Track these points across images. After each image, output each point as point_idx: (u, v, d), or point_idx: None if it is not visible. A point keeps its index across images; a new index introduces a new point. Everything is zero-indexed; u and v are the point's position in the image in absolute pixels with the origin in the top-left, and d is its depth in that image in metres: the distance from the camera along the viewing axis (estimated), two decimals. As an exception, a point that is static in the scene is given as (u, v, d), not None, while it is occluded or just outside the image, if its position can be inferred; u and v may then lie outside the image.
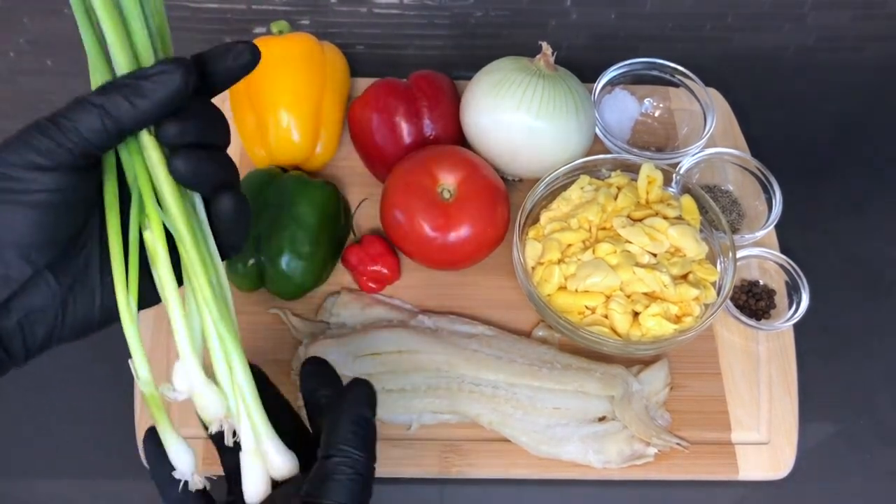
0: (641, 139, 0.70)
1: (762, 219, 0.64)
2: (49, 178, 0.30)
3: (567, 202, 0.60)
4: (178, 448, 0.35)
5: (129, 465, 0.55)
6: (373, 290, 0.61)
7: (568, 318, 0.55)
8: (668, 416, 0.56)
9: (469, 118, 0.61)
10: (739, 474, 0.55)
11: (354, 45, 0.76)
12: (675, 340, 0.54)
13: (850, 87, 0.79)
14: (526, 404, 0.55)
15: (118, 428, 0.56)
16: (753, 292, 0.62)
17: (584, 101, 0.61)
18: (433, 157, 0.59)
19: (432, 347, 0.56)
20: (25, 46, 0.76)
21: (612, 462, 0.54)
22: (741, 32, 0.77)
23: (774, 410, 0.57)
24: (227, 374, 0.34)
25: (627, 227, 0.56)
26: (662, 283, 0.55)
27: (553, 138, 0.60)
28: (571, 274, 0.56)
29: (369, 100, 0.63)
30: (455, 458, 0.55)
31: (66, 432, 0.58)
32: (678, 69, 0.68)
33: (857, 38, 0.78)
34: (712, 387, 0.58)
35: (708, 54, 0.78)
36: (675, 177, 0.61)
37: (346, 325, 0.60)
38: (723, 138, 0.70)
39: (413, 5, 0.74)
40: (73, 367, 0.60)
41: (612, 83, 0.69)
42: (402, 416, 0.55)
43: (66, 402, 0.59)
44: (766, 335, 0.60)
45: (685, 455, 0.55)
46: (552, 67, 0.61)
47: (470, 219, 0.57)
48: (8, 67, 0.76)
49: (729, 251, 0.57)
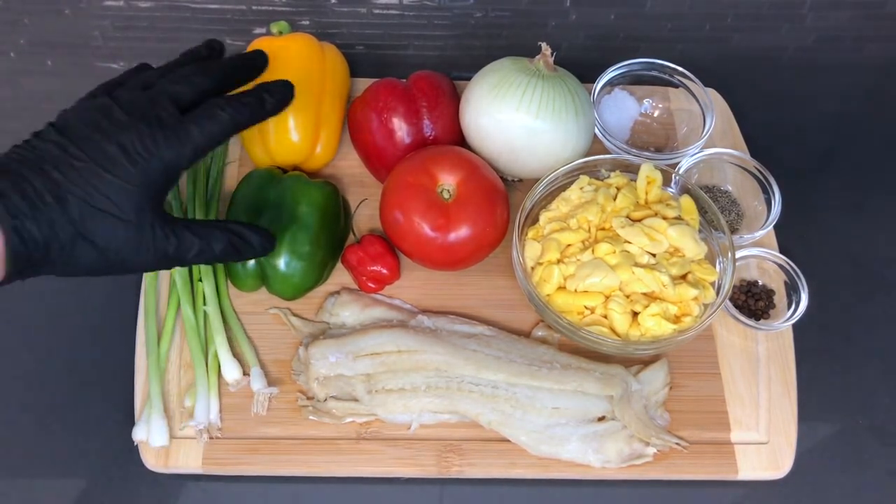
0: (641, 139, 0.70)
1: (761, 219, 0.64)
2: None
3: (566, 202, 0.60)
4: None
5: (129, 465, 0.55)
6: (372, 290, 0.61)
7: (567, 318, 0.55)
8: (668, 416, 0.56)
9: (469, 118, 0.62)
10: (738, 474, 0.55)
11: (354, 45, 0.76)
12: (674, 340, 0.54)
13: (849, 87, 0.79)
14: (525, 404, 0.55)
15: (118, 427, 0.56)
16: (752, 292, 0.62)
17: (583, 102, 0.61)
18: (433, 157, 0.59)
19: (432, 347, 0.56)
20: (25, 46, 0.76)
21: (612, 462, 0.54)
22: (740, 32, 0.77)
23: (773, 410, 0.57)
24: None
25: (627, 227, 0.56)
26: (661, 284, 0.55)
27: (552, 139, 0.60)
28: (571, 274, 0.56)
29: (369, 100, 0.63)
30: (454, 457, 0.55)
31: (66, 432, 0.58)
32: (677, 69, 0.68)
33: (857, 38, 0.78)
34: (711, 387, 0.58)
35: (707, 54, 0.78)
36: (674, 177, 0.61)
37: (345, 325, 0.60)
38: (722, 138, 0.70)
39: (413, 5, 0.74)
40: (73, 367, 0.60)
41: (611, 83, 0.69)
42: (401, 416, 0.55)
43: (65, 402, 0.59)
44: (766, 335, 0.60)
45: (684, 455, 0.55)
46: (552, 68, 0.61)
47: (469, 219, 0.57)
48: (8, 67, 0.76)
49: (728, 251, 0.57)
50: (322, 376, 0.56)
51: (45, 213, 0.39)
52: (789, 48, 0.78)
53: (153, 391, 0.55)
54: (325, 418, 0.55)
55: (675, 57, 0.69)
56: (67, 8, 0.73)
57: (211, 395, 0.56)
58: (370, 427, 0.56)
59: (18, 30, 0.75)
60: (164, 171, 0.42)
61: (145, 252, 0.43)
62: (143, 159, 0.41)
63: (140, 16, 0.74)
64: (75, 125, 0.42)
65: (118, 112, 0.42)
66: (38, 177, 0.39)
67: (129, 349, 0.59)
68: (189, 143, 0.43)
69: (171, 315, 0.59)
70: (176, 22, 0.75)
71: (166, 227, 0.43)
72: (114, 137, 0.41)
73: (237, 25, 0.75)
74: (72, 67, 0.76)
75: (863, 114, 0.77)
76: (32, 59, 0.76)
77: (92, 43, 0.75)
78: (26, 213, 0.38)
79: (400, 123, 0.62)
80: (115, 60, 0.76)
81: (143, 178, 0.41)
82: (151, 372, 0.56)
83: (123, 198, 0.41)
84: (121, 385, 0.58)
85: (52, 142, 0.41)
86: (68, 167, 0.40)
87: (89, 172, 0.40)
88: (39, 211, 0.38)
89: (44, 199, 0.39)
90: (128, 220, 0.41)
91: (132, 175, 0.41)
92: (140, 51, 0.76)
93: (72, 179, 0.40)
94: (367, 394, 0.55)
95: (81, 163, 0.40)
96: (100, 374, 0.59)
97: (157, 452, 0.54)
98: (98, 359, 0.60)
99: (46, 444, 0.57)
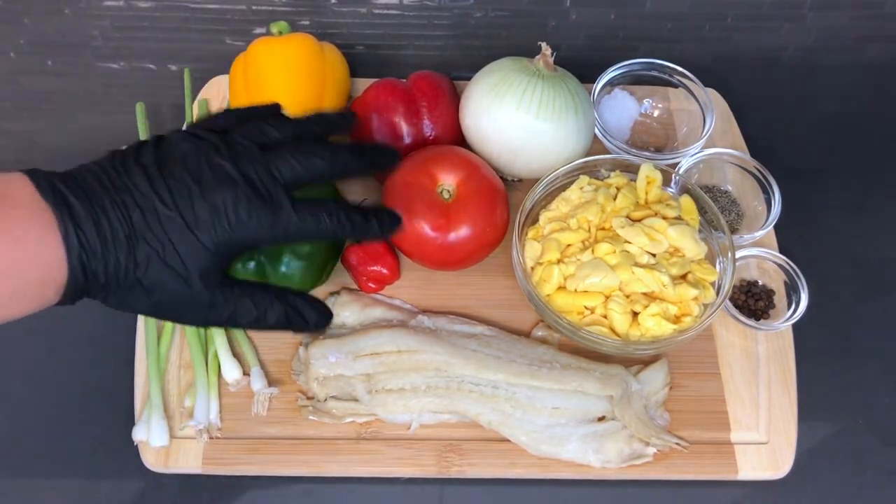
0: (641, 139, 0.70)
1: (761, 219, 0.64)
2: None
3: (566, 202, 0.60)
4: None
5: (129, 465, 0.55)
6: (372, 290, 0.61)
7: (567, 318, 0.55)
8: (668, 416, 0.56)
9: (469, 119, 0.62)
10: (738, 474, 0.55)
11: (354, 45, 0.76)
12: (674, 340, 0.54)
13: (849, 87, 0.79)
14: (525, 404, 0.55)
15: (118, 428, 0.56)
16: (752, 292, 0.62)
17: (583, 102, 0.61)
18: (433, 157, 0.59)
19: (432, 347, 0.56)
20: (25, 46, 0.76)
21: (612, 462, 0.54)
22: (741, 32, 0.77)
23: (773, 410, 0.57)
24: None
25: (626, 227, 0.56)
26: (661, 284, 0.55)
27: (552, 139, 0.60)
28: (571, 274, 0.56)
29: (369, 100, 0.63)
30: (454, 457, 0.55)
31: (66, 432, 0.58)
32: (677, 69, 0.68)
33: (857, 38, 0.78)
34: (711, 387, 0.58)
35: (707, 54, 0.78)
36: (674, 177, 0.61)
37: (345, 325, 0.60)
38: (722, 138, 0.70)
39: (413, 6, 0.74)
40: (73, 367, 0.60)
41: (611, 83, 0.69)
42: (401, 416, 0.55)
43: (65, 402, 0.59)
44: (766, 335, 0.60)
45: (684, 455, 0.55)
46: (552, 68, 0.61)
47: (469, 219, 0.57)
48: (8, 67, 0.76)
49: (728, 251, 0.57)
50: (322, 376, 0.56)
51: (114, 256, 0.36)
52: (789, 48, 0.78)
53: (153, 391, 0.55)
54: (325, 418, 0.55)
55: (675, 57, 0.69)
56: (67, 8, 0.73)
57: (211, 395, 0.56)
58: (370, 427, 0.56)
59: (18, 30, 0.75)
60: (245, 243, 0.39)
61: (200, 313, 0.40)
62: (230, 228, 0.38)
63: (140, 16, 0.74)
64: (178, 165, 0.38)
65: (229, 165, 0.38)
66: (117, 212, 0.36)
67: (129, 349, 0.59)
68: (282, 229, 0.39)
69: (171, 315, 0.59)
70: (176, 22, 0.75)
71: (227, 294, 0.40)
72: (210, 195, 0.37)
73: (237, 25, 0.75)
74: (72, 67, 0.76)
75: (863, 114, 0.77)
76: (32, 59, 0.76)
77: (92, 43, 0.75)
78: (96, 252, 0.35)
79: (400, 123, 0.62)
80: (115, 60, 0.76)
81: (222, 246, 0.38)
82: (151, 372, 0.56)
83: (195, 260, 0.38)
84: (121, 385, 0.58)
85: (144, 173, 0.37)
86: (152, 214, 0.37)
87: (171, 225, 0.37)
88: (109, 252, 0.36)
89: (117, 240, 0.36)
90: (192, 283, 0.38)
91: (212, 241, 0.38)
92: (140, 51, 0.76)
93: (151, 226, 0.36)
94: (367, 394, 0.55)
95: (168, 211, 0.37)
96: (100, 374, 0.59)
97: (157, 452, 0.54)
98: (98, 359, 0.60)
99: (46, 444, 0.57)
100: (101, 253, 0.36)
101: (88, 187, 0.36)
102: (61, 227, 0.35)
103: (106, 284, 0.37)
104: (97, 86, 0.75)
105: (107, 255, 0.36)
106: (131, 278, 0.37)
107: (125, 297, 0.38)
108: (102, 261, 0.36)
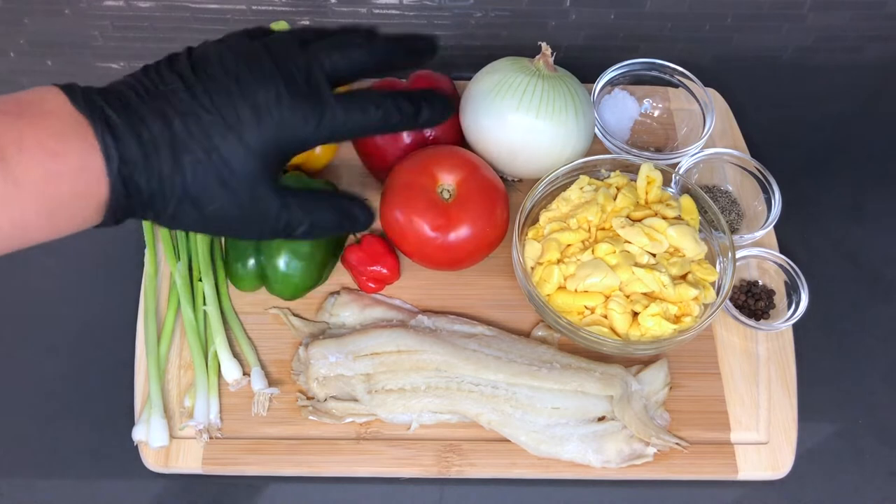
0: (641, 139, 0.70)
1: (761, 219, 0.64)
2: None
3: (566, 202, 0.60)
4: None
5: (129, 465, 0.55)
6: (372, 290, 0.61)
7: (567, 318, 0.55)
8: (668, 416, 0.56)
9: (469, 118, 0.62)
10: (738, 474, 0.55)
11: (354, 45, 0.76)
12: (674, 340, 0.54)
13: (849, 87, 0.79)
14: (525, 404, 0.55)
15: (118, 427, 0.56)
16: (753, 292, 0.62)
17: (583, 102, 0.61)
18: (433, 157, 0.59)
19: (432, 347, 0.56)
20: (25, 46, 0.76)
21: (612, 462, 0.54)
22: (740, 32, 0.77)
23: (773, 410, 0.57)
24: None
25: (627, 227, 0.56)
26: (661, 283, 0.55)
27: (552, 138, 0.60)
28: (571, 274, 0.56)
29: (369, 100, 0.63)
30: (455, 457, 0.55)
31: (66, 432, 0.58)
32: (677, 69, 0.69)
33: (857, 39, 0.78)
34: (711, 387, 0.58)
35: (707, 54, 0.78)
36: (674, 177, 0.61)
37: (345, 325, 0.60)
38: (722, 138, 0.70)
39: (413, 6, 0.74)
40: (73, 367, 0.60)
41: (611, 83, 0.69)
42: (401, 416, 0.55)
43: (65, 402, 0.59)
44: (766, 335, 0.60)
45: (684, 455, 0.55)
46: (552, 68, 0.61)
47: (469, 219, 0.57)
48: (8, 67, 0.76)
49: (728, 251, 0.57)
50: (322, 376, 0.56)
51: (157, 166, 0.34)
52: (789, 48, 0.78)
53: (153, 391, 0.55)
54: (325, 418, 0.55)
55: (675, 57, 0.69)
56: (67, 8, 0.73)
57: (211, 395, 0.56)
58: (370, 427, 0.56)
59: (18, 30, 0.75)
60: (292, 144, 0.38)
61: (253, 225, 0.39)
62: (274, 124, 0.36)
63: (140, 16, 0.74)
64: (215, 67, 0.36)
65: (267, 62, 0.37)
66: (157, 121, 0.34)
67: (129, 349, 0.59)
68: (328, 125, 0.38)
69: (171, 315, 0.59)
70: (176, 22, 0.75)
71: (278, 202, 0.39)
72: (251, 94, 0.36)
73: (237, 25, 0.74)
74: (72, 67, 0.76)
75: (863, 114, 0.77)
76: (32, 59, 0.76)
77: (92, 43, 0.75)
78: (138, 163, 0.34)
79: (400, 123, 0.62)
80: (115, 60, 0.76)
81: (270, 146, 0.37)
82: (151, 372, 0.56)
83: (243, 164, 0.36)
84: (121, 385, 0.58)
85: (182, 79, 0.36)
86: (193, 119, 0.35)
87: (215, 129, 0.35)
88: (151, 163, 0.34)
89: (159, 150, 0.34)
90: (240, 191, 0.37)
91: (258, 140, 0.36)
92: (140, 51, 0.76)
93: (193, 134, 0.35)
94: (367, 394, 0.55)
95: (209, 116, 0.35)
96: (100, 374, 0.59)
97: (157, 452, 0.54)
98: (98, 359, 0.60)
99: (46, 444, 0.57)
100: (142, 164, 0.34)
101: (125, 98, 0.35)
102: (99, 139, 0.33)
103: (151, 200, 0.35)
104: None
105: (149, 166, 0.34)
106: (178, 190, 0.35)
107: (173, 216, 0.36)
108: (145, 173, 0.34)
